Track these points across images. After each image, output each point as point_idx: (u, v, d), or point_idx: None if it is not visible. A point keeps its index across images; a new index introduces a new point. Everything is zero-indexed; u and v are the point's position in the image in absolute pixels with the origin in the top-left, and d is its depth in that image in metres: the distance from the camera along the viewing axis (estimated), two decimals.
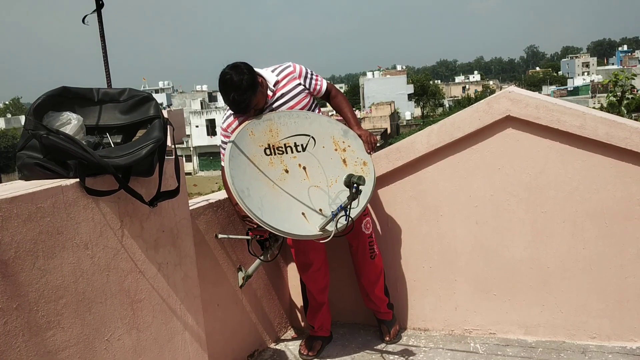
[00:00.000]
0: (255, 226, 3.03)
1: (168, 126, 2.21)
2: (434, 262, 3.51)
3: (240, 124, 3.07)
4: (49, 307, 1.86)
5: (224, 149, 3.08)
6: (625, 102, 8.20)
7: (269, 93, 3.08)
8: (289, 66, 3.18)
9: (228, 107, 3.15)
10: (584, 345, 3.22)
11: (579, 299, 3.23)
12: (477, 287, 3.43)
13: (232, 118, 3.12)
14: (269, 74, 3.11)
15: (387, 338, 3.47)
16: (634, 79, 8.65)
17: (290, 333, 3.79)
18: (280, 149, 2.96)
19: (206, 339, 2.60)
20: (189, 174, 51.16)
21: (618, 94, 8.31)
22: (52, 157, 2.01)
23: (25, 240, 1.79)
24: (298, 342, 3.54)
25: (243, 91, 2.88)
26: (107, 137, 2.20)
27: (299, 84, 3.16)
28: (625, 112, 7.87)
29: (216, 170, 52.15)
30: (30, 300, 1.81)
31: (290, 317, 3.84)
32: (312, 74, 3.22)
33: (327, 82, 3.29)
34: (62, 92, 2.15)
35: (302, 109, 3.14)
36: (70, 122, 2.07)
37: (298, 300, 3.74)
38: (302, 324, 3.78)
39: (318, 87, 3.23)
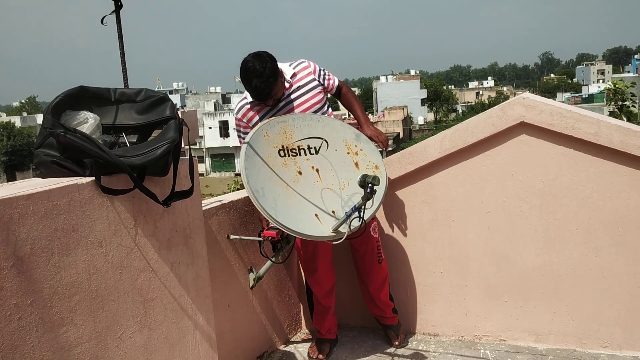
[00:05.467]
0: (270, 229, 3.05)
1: (183, 127, 2.23)
2: (444, 267, 3.50)
3: (255, 113, 3.16)
4: (63, 304, 1.88)
5: (241, 137, 3.22)
6: (625, 109, 8.16)
7: (286, 85, 3.15)
8: (304, 62, 3.27)
9: (245, 97, 3.19)
10: (595, 354, 3.20)
11: (590, 307, 3.21)
12: (488, 293, 3.42)
13: (246, 107, 3.20)
14: (285, 67, 3.19)
15: (397, 342, 3.46)
16: (633, 86, 8.59)
17: (300, 335, 3.79)
18: (293, 150, 2.98)
19: (216, 339, 2.61)
20: (202, 175, 51.36)
21: (619, 103, 8.27)
22: (69, 155, 2.03)
23: (41, 237, 1.81)
24: (307, 345, 3.54)
25: (266, 78, 2.93)
26: (123, 136, 2.23)
27: (314, 79, 3.24)
28: (626, 119, 7.83)
29: (228, 172, 52.33)
30: (44, 296, 1.83)
31: (300, 319, 3.84)
32: (324, 71, 3.31)
33: (339, 80, 3.38)
34: (79, 91, 2.17)
35: (316, 103, 3.21)
36: (87, 121, 2.09)
37: (306, 305, 3.74)
38: (312, 326, 3.78)
39: (331, 84, 3.31)
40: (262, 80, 2.92)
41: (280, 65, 3.11)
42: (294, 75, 3.19)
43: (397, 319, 3.51)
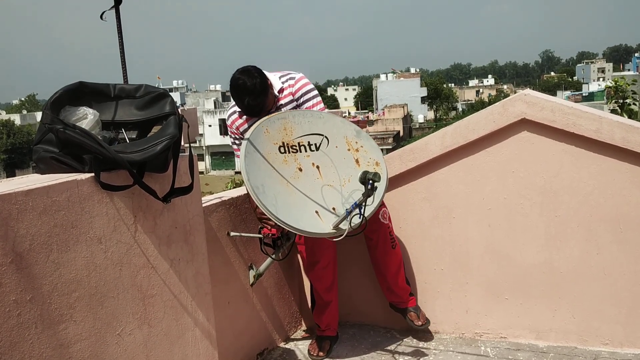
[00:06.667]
0: (269, 227, 3.05)
1: (183, 123, 2.22)
2: (445, 264, 3.49)
3: (244, 121, 3.15)
4: (62, 300, 1.87)
5: (235, 144, 3.21)
6: (626, 107, 8.15)
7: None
8: (292, 78, 3.18)
9: (234, 104, 3.16)
10: (596, 351, 3.19)
11: (591, 304, 3.21)
12: (488, 290, 3.41)
13: (235, 115, 3.20)
14: (275, 80, 3.14)
15: (419, 323, 3.34)
16: (634, 84, 8.58)
17: (300, 332, 3.79)
18: (294, 147, 2.97)
19: (216, 336, 2.61)
20: (201, 172, 51.37)
21: (620, 100, 8.26)
22: (68, 151, 2.02)
23: (40, 233, 1.80)
24: (308, 342, 3.54)
25: (256, 95, 2.92)
26: (122, 132, 2.21)
27: (292, 101, 3.18)
28: (627, 117, 7.82)
29: (228, 170, 52.34)
30: (43, 293, 1.82)
31: (300, 317, 3.84)
32: (310, 97, 3.19)
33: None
34: (79, 87, 2.16)
35: None
36: (87, 117, 2.08)
37: (308, 300, 3.74)
38: (312, 323, 3.77)
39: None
40: (253, 97, 2.92)
41: (270, 75, 3.08)
42: (281, 90, 3.14)
43: (415, 301, 3.46)
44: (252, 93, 2.91)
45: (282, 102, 3.15)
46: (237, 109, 3.16)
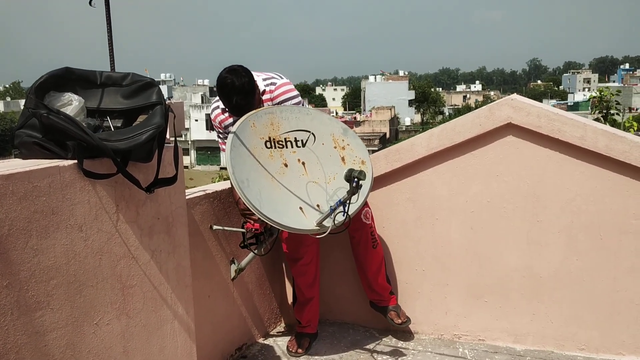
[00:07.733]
0: (252, 222, 3.04)
1: (169, 113, 2.20)
2: (427, 265, 3.50)
3: (229, 116, 3.15)
4: (40, 288, 1.85)
5: (219, 138, 3.23)
6: (610, 117, 8.26)
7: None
8: (274, 83, 3.13)
9: (217, 99, 3.13)
10: (572, 356, 3.22)
11: (569, 309, 3.24)
12: (468, 292, 3.43)
13: (218, 111, 3.20)
14: (259, 80, 3.11)
15: (399, 321, 3.38)
16: (618, 94, 8.71)
17: (279, 329, 3.78)
18: (280, 142, 2.95)
19: (195, 329, 2.59)
20: (186, 167, 51.05)
21: (604, 111, 8.36)
22: (52, 137, 1.99)
23: (20, 219, 1.78)
24: (287, 338, 3.53)
25: (245, 95, 2.90)
26: (107, 120, 2.19)
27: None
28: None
29: (213, 165, 52.09)
30: (20, 279, 1.79)
31: (280, 313, 3.83)
32: (291, 102, 3.14)
33: None
34: (65, 72, 2.13)
35: None
36: (72, 103, 2.05)
37: (289, 296, 3.73)
38: (292, 320, 3.77)
39: None
40: (242, 96, 2.90)
41: (255, 75, 3.05)
42: (263, 92, 3.12)
43: (395, 300, 3.48)
44: (240, 92, 2.88)
45: (263, 105, 3.12)
46: (220, 104, 3.13)
